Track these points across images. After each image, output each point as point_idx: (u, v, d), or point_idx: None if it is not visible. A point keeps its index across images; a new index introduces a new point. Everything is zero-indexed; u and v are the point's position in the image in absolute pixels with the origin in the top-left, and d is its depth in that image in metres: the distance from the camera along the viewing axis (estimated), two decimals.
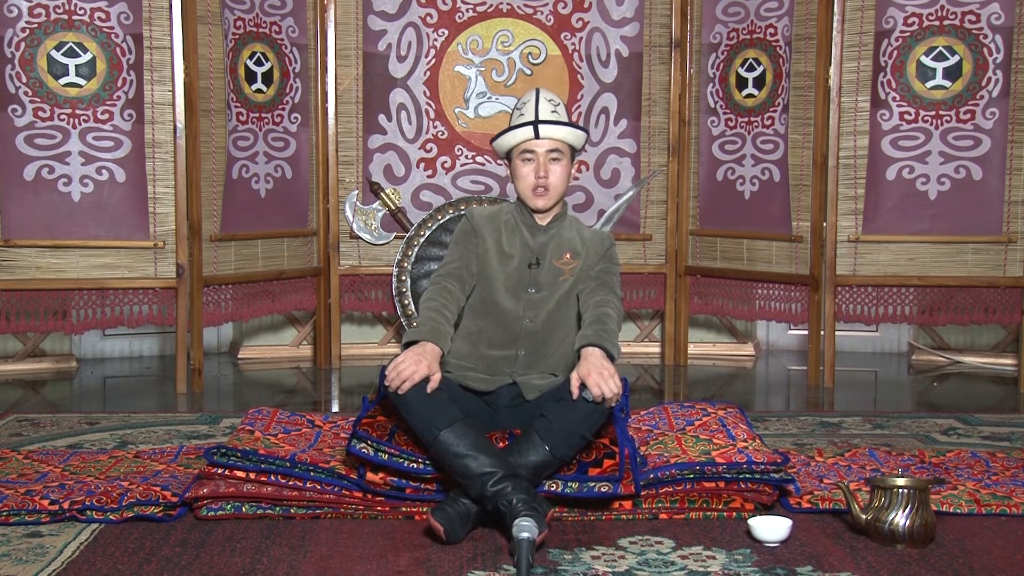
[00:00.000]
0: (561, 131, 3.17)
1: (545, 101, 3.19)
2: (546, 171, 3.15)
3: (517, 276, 3.20)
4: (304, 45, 5.18)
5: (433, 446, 2.88)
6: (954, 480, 3.25)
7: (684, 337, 5.51)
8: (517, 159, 3.19)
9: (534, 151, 3.16)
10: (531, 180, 3.17)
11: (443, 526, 2.75)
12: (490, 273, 3.21)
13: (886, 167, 4.89)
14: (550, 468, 2.93)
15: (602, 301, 3.12)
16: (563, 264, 3.21)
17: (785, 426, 4.10)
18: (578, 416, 2.91)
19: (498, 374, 3.18)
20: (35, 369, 5.22)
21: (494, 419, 3.16)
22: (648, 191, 5.41)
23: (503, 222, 3.26)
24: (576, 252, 3.22)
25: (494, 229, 3.24)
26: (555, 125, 3.16)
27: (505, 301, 3.19)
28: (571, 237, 3.25)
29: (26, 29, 4.62)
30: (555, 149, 3.16)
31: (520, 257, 3.21)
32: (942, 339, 5.61)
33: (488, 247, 3.22)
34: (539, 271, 3.19)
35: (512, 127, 3.19)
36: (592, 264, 3.23)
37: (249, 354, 5.60)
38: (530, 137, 3.16)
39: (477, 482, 2.81)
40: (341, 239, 5.34)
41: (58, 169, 4.67)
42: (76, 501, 2.96)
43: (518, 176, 3.20)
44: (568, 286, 3.20)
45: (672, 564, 2.63)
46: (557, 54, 5.36)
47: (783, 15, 5.00)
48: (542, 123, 3.14)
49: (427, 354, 2.96)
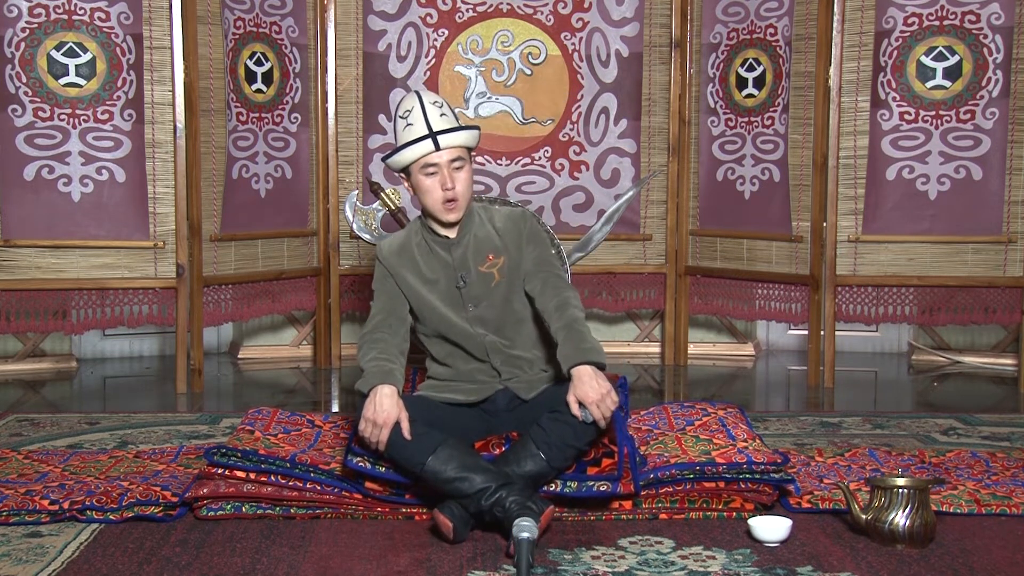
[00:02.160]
0: (461, 137, 3.03)
1: (431, 106, 3.03)
2: (453, 181, 3.01)
3: (450, 298, 3.10)
4: (304, 45, 5.18)
5: (422, 477, 2.87)
6: (954, 480, 3.25)
7: (684, 337, 5.51)
8: (418, 174, 3.04)
9: (436, 163, 3.02)
10: (439, 194, 3.02)
11: (453, 524, 2.74)
12: (427, 303, 3.11)
13: (886, 167, 4.89)
14: (545, 478, 2.92)
15: (561, 303, 3.01)
16: (489, 267, 3.10)
17: (785, 426, 4.10)
18: (576, 431, 2.90)
19: (487, 383, 3.15)
20: (35, 369, 5.22)
21: (492, 425, 3.15)
22: (648, 191, 5.41)
23: (415, 247, 3.14)
24: (497, 249, 3.11)
25: (408, 260, 3.13)
26: (453, 133, 3.02)
27: (456, 322, 3.11)
28: (486, 234, 3.12)
29: (26, 29, 4.62)
30: (457, 157, 3.03)
31: (445, 278, 3.10)
32: (942, 339, 5.61)
33: (409, 282, 3.11)
34: (468, 287, 3.09)
35: (408, 143, 3.02)
36: (518, 256, 3.11)
37: (249, 354, 5.60)
38: (430, 150, 3.01)
39: (472, 501, 2.80)
40: (341, 239, 5.34)
41: (58, 169, 4.67)
42: (76, 501, 2.96)
43: (423, 191, 3.04)
44: (504, 287, 3.11)
45: (672, 564, 2.63)
46: (557, 54, 5.36)
47: (783, 15, 5.00)
48: (440, 134, 3.00)
49: (383, 399, 2.87)
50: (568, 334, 2.95)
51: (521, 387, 3.14)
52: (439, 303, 3.11)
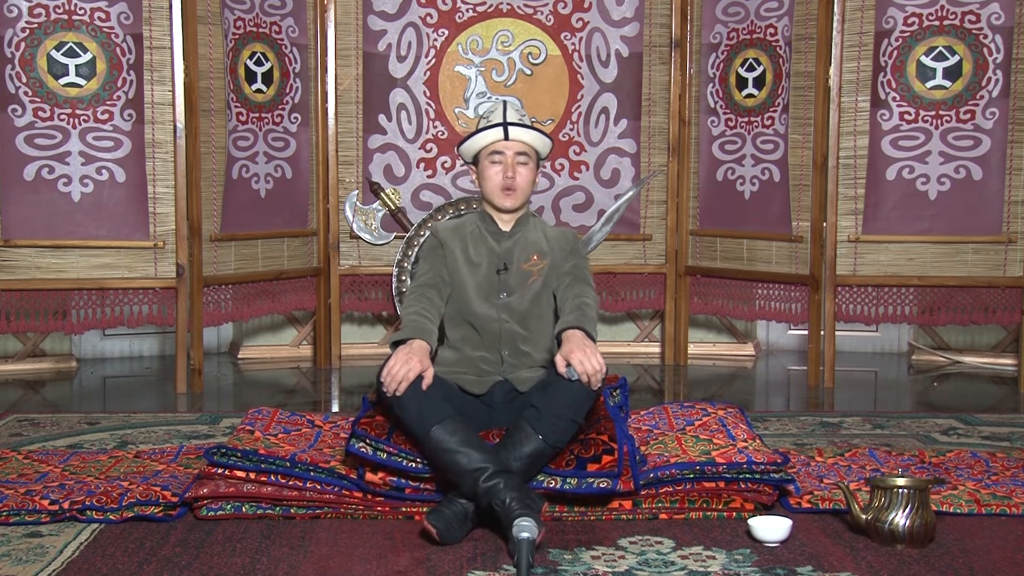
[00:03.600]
0: (530, 134, 3.23)
1: (513, 110, 3.26)
2: (514, 171, 3.21)
3: (487, 283, 3.23)
4: (304, 45, 5.18)
5: (425, 443, 2.89)
6: (954, 480, 3.25)
7: (684, 337, 5.51)
8: (484, 160, 3.24)
9: (503, 152, 3.22)
10: (499, 180, 3.22)
11: (436, 528, 2.75)
12: (461, 282, 3.24)
13: (886, 167, 4.89)
14: (544, 457, 2.93)
15: (579, 293, 3.17)
16: (531, 266, 3.25)
17: (785, 426, 4.10)
18: (565, 399, 2.92)
19: (487, 375, 3.21)
20: (35, 369, 5.22)
21: (492, 418, 3.18)
22: (648, 191, 5.41)
23: (468, 233, 3.29)
24: (542, 252, 3.26)
25: (459, 240, 3.28)
26: (523, 128, 3.22)
27: (479, 308, 3.22)
28: (536, 239, 3.29)
29: (26, 29, 4.62)
30: (523, 152, 3.22)
31: (488, 264, 3.25)
32: (942, 339, 5.61)
33: (456, 257, 3.25)
34: (508, 275, 3.23)
35: (480, 129, 3.24)
36: (560, 262, 3.27)
37: (249, 354, 5.60)
38: (499, 138, 3.21)
39: (468, 478, 2.81)
40: (341, 239, 5.34)
41: (58, 169, 4.67)
42: (76, 501, 2.96)
43: (485, 177, 3.25)
44: (538, 286, 3.24)
45: (672, 564, 2.63)
46: (557, 54, 5.36)
47: (783, 15, 5.00)
48: (511, 125, 3.20)
49: (416, 351, 2.97)
50: (572, 309, 3.09)
51: (519, 380, 3.18)
52: (473, 285, 3.23)
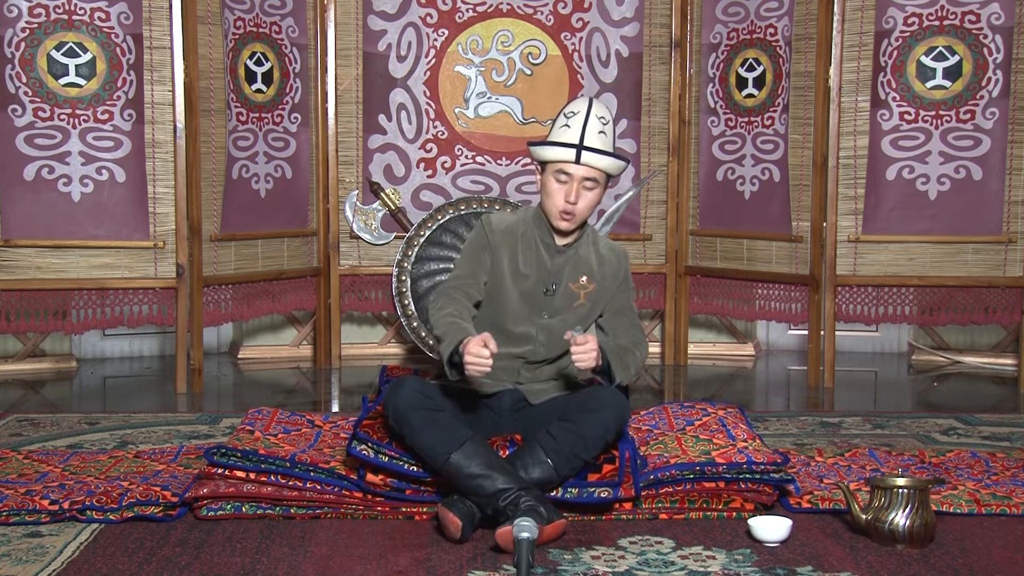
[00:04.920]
0: (603, 161, 3.02)
1: (595, 119, 3.04)
2: (577, 197, 3.01)
3: (532, 299, 3.11)
4: (304, 45, 5.18)
5: (444, 469, 2.85)
6: (954, 480, 3.25)
7: (684, 337, 5.51)
8: (550, 174, 3.04)
9: (570, 174, 3.02)
10: (559, 202, 3.02)
11: (462, 522, 2.74)
12: (503, 292, 3.11)
13: (886, 167, 4.89)
14: (552, 485, 2.91)
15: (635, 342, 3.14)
16: (579, 288, 3.12)
17: (785, 426, 4.10)
18: (586, 443, 2.90)
19: (500, 382, 3.15)
20: (35, 369, 5.22)
21: (497, 423, 3.15)
22: (648, 191, 5.41)
23: (520, 235, 3.12)
24: (592, 275, 3.13)
25: (510, 246, 3.12)
26: (598, 154, 3.01)
27: (517, 326, 3.11)
28: (588, 257, 3.15)
29: (26, 29, 4.62)
30: (591, 178, 3.02)
31: (536, 278, 3.10)
32: (942, 339, 5.61)
33: (503, 266, 3.11)
34: (554, 297, 3.11)
35: (555, 142, 3.03)
36: (610, 289, 3.16)
37: (249, 354, 5.60)
38: (570, 159, 3.01)
39: (492, 500, 2.79)
40: (341, 239, 5.34)
41: (58, 169, 4.67)
42: (76, 501, 2.96)
43: (547, 192, 3.05)
44: (584, 312, 3.14)
45: (672, 564, 2.63)
46: (557, 54, 5.36)
47: (783, 15, 5.00)
48: (585, 149, 3.00)
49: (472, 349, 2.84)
50: (619, 347, 3.10)
51: (531, 392, 3.16)
52: (518, 298, 3.11)
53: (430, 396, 2.95)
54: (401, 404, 2.91)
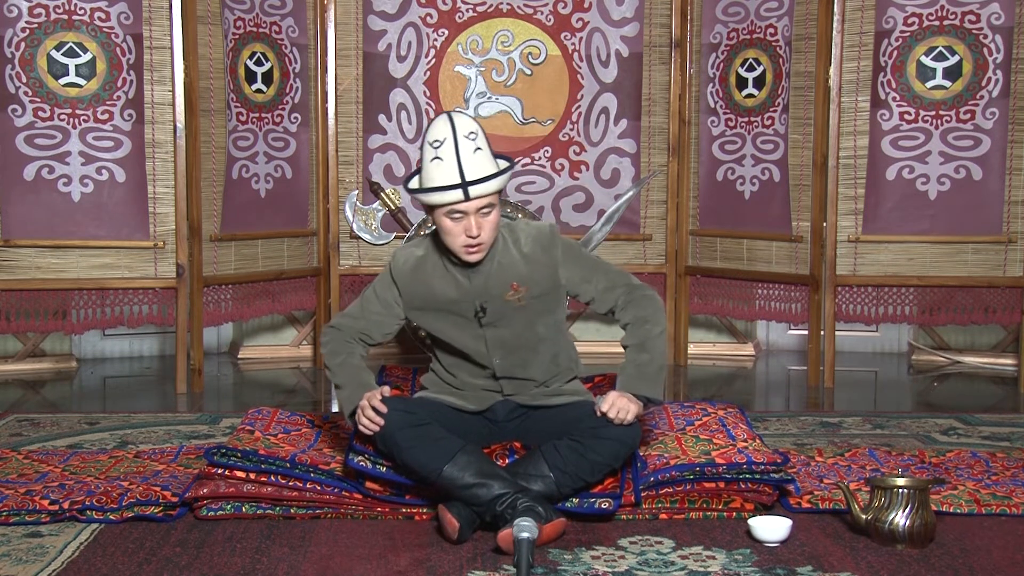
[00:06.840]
0: (493, 185, 2.85)
1: (465, 141, 2.84)
2: (479, 229, 2.86)
3: (467, 323, 3.01)
4: (304, 45, 5.18)
5: (438, 482, 2.84)
6: (954, 480, 3.25)
7: (684, 337, 5.51)
8: (442, 215, 2.87)
9: (464, 211, 2.86)
10: (462, 240, 2.88)
11: (460, 524, 2.74)
12: (437, 326, 3.05)
13: (886, 167, 4.89)
14: (551, 500, 2.88)
15: (643, 317, 2.97)
16: (512, 296, 2.98)
17: (785, 426, 4.10)
18: (592, 467, 2.89)
19: (489, 396, 3.11)
20: (35, 369, 5.22)
21: (494, 433, 3.13)
22: (648, 191, 5.41)
23: (430, 268, 3.01)
24: (522, 278, 2.98)
25: (422, 284, 3.02)
26: (485, 183, 2.83)
27: (469, 350, 3.05)
28: (510, 262, 2.99)
29: (26, 29, 4.62)
30: (487, 204, 2.87)
31: (461, 303, 2.99)
32: (942, 339, 5.61)
33: (421, 304, 3.04)
34: (487, 315, 2.99)
35: (438, 187, 2.84)
36: (549, 280, 3.00)
37: (249, 354, 5.60)
38: (459, 199, 2.83)
39: (489, 507, 2.78)
40: (341, 239, 5.34)
41: (58, 169, 4.67)
42: (76, 501, 2.96)
43: (445, 231, 2.89)
44: (531, 313, 3.01)
45: (672, 564, 2.63)
46: (557, 54, 5.36)
47: (783, 15, 5.00)
48: (471, 184, 2.82)
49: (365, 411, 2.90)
50: (634, 355, 2.98)
51: (523, 399, 3.12)
52: (452, 326, 3.04)
53: (413, 412, 2.93)
54: (386, 428, 2.88)
